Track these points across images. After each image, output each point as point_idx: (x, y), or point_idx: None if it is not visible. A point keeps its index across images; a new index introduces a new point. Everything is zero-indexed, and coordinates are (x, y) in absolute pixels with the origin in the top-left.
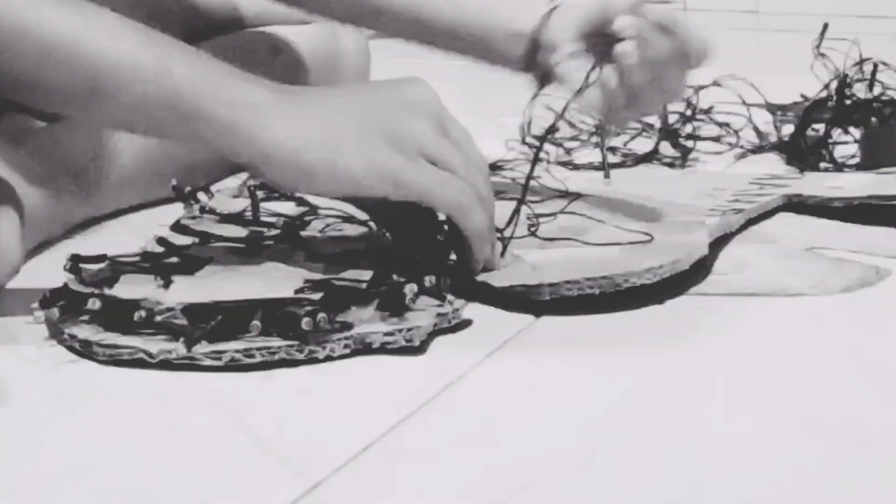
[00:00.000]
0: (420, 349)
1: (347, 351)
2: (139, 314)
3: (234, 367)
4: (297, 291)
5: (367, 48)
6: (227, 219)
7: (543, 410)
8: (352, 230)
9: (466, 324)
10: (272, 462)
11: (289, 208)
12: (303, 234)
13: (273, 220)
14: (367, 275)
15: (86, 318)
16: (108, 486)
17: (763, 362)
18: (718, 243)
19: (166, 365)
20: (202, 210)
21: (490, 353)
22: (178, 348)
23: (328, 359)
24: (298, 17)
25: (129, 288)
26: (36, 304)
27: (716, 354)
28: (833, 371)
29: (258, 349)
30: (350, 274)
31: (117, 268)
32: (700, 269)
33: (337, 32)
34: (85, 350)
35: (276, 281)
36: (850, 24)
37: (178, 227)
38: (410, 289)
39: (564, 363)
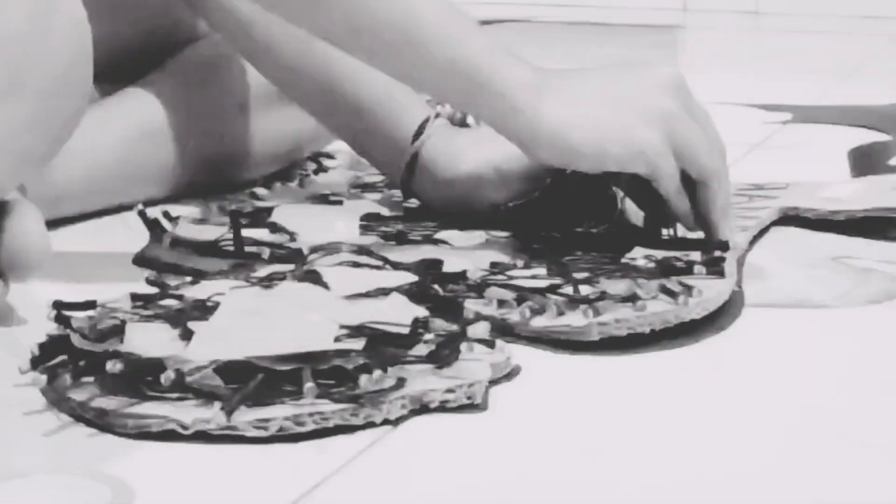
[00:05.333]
0: (482, 406)
1: (405, 412)
2: (167, 376)
3: (282, 437)
4: (335, 339)
5: None
6: (203, 249)
7: (543, 409)
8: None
9: (517, 370)
10: (272, 462)
11: (264, 235)
12: (318, 267)
13: (256, 249)
14: (405, 317)
15: (91, 379)
16: (107, 486)
17: (777, 370)
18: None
19: (203, 437)
20: (174, 242)
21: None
22: (218, 416)
23: (385, 422)
24: None
25: (140, 342)
26: (26, 366)
27: (722, 358)
28: (852, 382)
29: (309, 415)
30: (387, 316)
31: (119, 316)
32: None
33: None
34: (100, 421)
35: (307, 326)
36: (850, 24)
37: (143, 261)
38: (474, 331)
39: (567, 362)
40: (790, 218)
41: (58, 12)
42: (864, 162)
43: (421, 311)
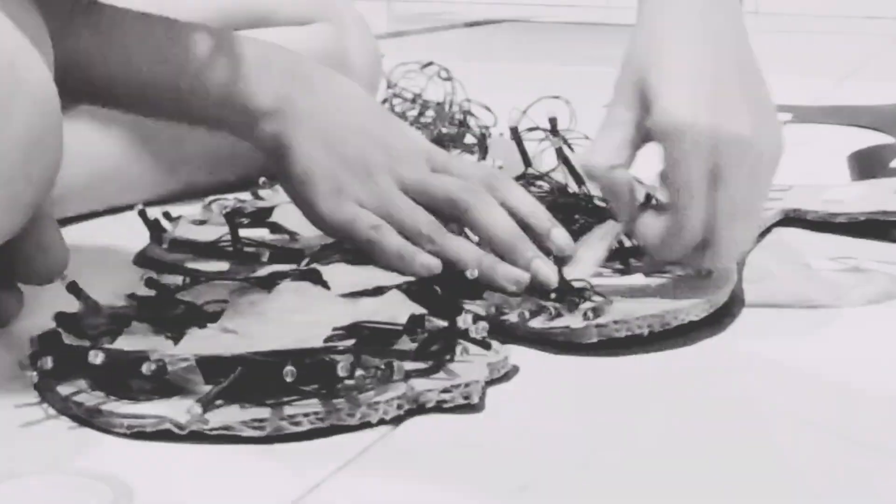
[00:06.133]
0: (478, 406)
1: (401, 412)
2: (149, 366)
3: (278, 437)
4: (326, 340)
5: (376, 49)
6: (202, 250)
7: (543, 410)
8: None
9: (515, 371)
10: (272, 462)
11: (264, 235)
12: (319, 266)
13: (255, 250)
14: (401, 315)
15: (82, 378)
16: (107, 486)
17: (778, 370)
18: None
19: (199, 437)
20: (174, 243)
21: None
22: (193, 408)
23: (381, 422)
24: (301, 16)
25: (133, 342)
26: (25, 360)
27: (721, 359)
28: (843, 377)
29: (305, 415)
30: (383, 314)
31: (117, 320)
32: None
33: (343, 33)
34: (94, 420)
35: (300, 328)
36: (850, 24)
37: (143, 261)
38: (472, 329)
39: (565, 363)
40: (792, 219)
41: (21, 94)
42: (865, 166)
43: (418, 310)
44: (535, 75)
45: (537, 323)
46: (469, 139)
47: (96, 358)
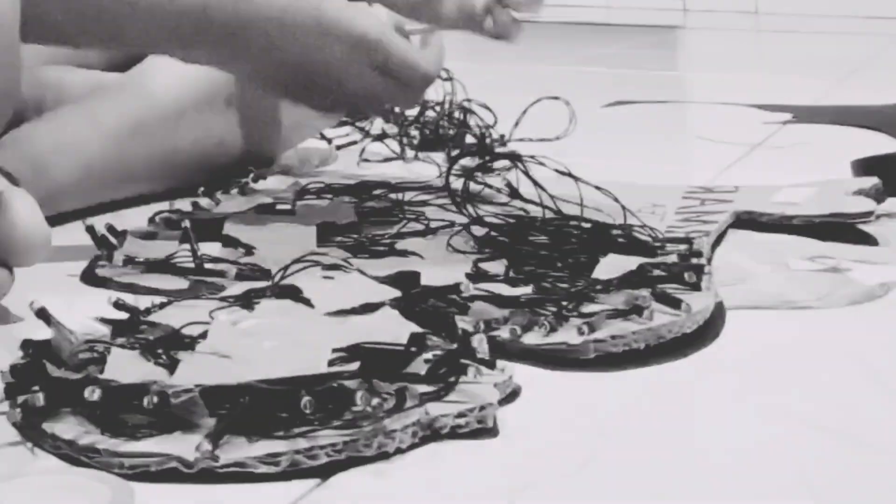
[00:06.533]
0: (493, 431)
1: (416, 440)
2: (150, 399)
3: (294, 473)
4: (329, 363)
5: None
6: (156, 267)
7: (544, 410)
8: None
9: (518, 391)
10: None
11: (216, 250)
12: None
13: (216, 267)
14: (399, 334)
15: (71, 414)
16: (107, 486)
17: (766, 368)
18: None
19: (208, 476)
20: (127, 260)
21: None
22: (202, 444)
23: (398, 451)
24: None
25: (121, 370)
26: (0, 395)
27: (716, 361)
28: (839, 377)
29: (321, 448)
30: (381, 334)
31: (97, 348)
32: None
33: None
34: (90, 460)
35: (297, 350)
36: (850, 24)
37: (94, 280)
38: (476, 346)
39: (565, 380)
40: (745, 221)
41: None
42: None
43: (414, 328)
44: (535, 75)
45: (531, 339)
46: (469, 139)
47: (93, 394)
